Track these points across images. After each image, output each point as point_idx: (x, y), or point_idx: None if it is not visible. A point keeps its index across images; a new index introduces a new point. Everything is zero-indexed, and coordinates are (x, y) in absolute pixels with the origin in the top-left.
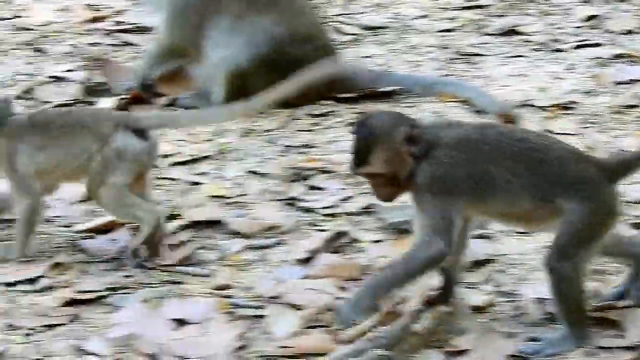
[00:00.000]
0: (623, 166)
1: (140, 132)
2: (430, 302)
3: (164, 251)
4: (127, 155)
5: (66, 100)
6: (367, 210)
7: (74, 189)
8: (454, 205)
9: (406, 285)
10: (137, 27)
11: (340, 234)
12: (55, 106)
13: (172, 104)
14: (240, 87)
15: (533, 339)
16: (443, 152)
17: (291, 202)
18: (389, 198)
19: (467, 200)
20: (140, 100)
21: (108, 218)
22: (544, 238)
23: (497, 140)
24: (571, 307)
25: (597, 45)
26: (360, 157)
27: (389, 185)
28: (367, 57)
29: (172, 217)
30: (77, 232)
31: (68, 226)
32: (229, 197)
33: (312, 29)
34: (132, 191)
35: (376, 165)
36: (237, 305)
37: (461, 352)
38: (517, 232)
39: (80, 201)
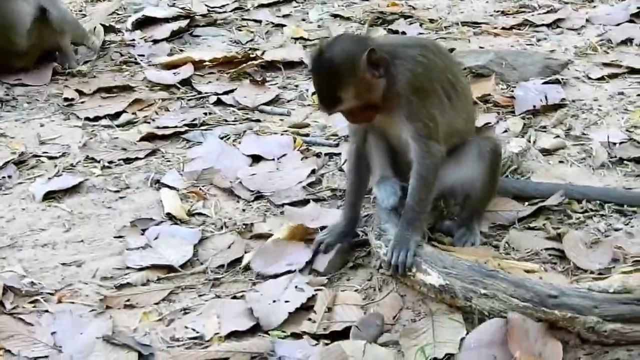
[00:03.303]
0: None
1: None
2: None
3: (244, 90)
4: None
5: None
6: None
7: (162, 31)
8: (435, 107)
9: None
10: None
11: None
12: None
13: None
14: None
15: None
16: (412, 53)
17: None
18: (367, 120)
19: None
20: None
21: (182, 55)
22: (620, 84)
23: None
24: None
25: None
26: (330, 98)
27: (365, 111)
28: None
29: (254, 57)
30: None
31: (150, 64)
32: (310, 40)
33: None
34: None
35: (349, 101)
36: (313, 143)
37: None
38: (592, 78)
39: (164, 39)
